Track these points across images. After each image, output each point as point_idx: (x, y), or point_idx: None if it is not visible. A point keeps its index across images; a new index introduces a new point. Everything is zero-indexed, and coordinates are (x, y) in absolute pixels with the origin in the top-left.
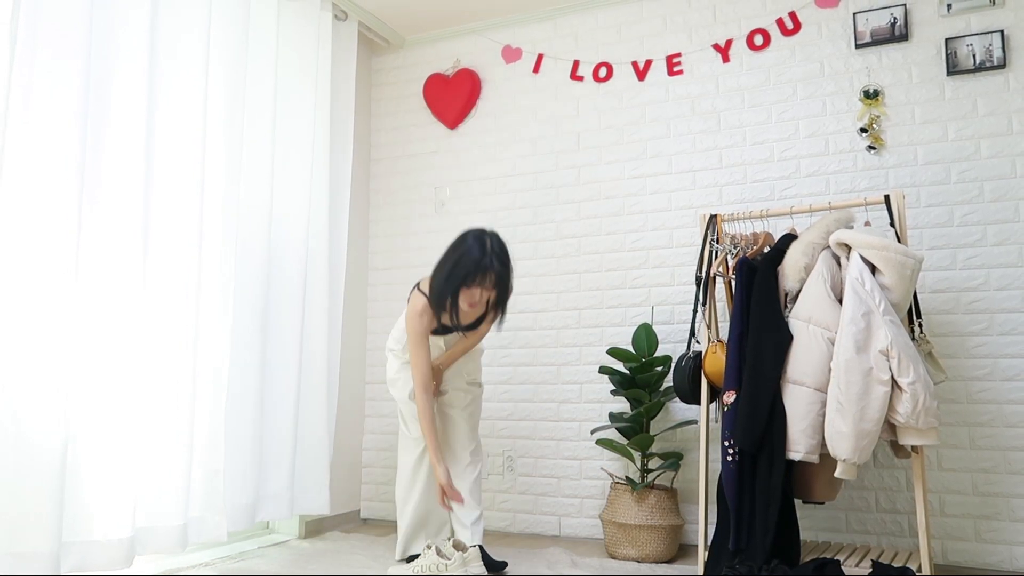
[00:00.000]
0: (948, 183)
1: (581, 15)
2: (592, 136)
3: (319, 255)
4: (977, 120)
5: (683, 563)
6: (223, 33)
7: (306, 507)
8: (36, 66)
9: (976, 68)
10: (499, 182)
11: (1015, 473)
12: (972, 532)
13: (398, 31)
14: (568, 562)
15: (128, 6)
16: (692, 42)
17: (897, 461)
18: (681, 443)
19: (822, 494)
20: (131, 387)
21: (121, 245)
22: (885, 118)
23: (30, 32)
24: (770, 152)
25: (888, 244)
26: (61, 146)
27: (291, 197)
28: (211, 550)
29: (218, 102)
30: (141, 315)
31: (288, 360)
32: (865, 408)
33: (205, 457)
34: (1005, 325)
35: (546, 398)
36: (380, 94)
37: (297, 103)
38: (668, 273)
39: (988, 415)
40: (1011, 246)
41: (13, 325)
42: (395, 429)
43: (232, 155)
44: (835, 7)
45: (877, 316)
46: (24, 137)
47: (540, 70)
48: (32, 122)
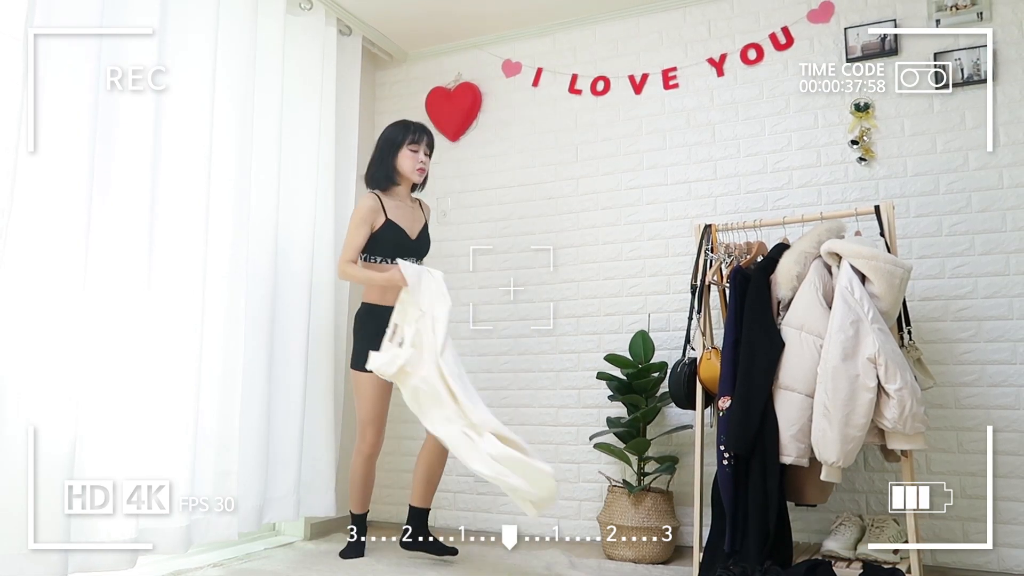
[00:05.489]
0: (937, 194)
1: (579, 30)
2: (590, 148)
3: (324, 264)
4: (965, 133)
5: (679, 564)
6: (230, 48)
7: (312, 509)
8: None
9: (964, 82)
10: (499, 193)
11: (1002, 476)
12: (960, 534)
13: (401, 46)
14: (566, 563)
15: (137, 13)
16: (687, 56)
17: (887, 465)
18: (677, 447)
19: (813, 497)
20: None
21: (129, 255)
22: (875, 130)
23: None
24: (763, 164)
25: (877, 254)
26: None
27: (297, 206)
28: (218, 551)
29: (225, 115)
30: (149, 322)
31: (295, 364)
32: (851, 414)
33: (215, 459)
34: (992, 332)
35: (545, 403)
36: (383, 107)
37: (303, 116)
38: (664, 282)
39: (976, 420)
40: (998, 255)
41: (27, 336)
42: (397, 433)
43: (240, 167)
44: (827, 22)
45: (866, 324)
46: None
47: (539, 84)
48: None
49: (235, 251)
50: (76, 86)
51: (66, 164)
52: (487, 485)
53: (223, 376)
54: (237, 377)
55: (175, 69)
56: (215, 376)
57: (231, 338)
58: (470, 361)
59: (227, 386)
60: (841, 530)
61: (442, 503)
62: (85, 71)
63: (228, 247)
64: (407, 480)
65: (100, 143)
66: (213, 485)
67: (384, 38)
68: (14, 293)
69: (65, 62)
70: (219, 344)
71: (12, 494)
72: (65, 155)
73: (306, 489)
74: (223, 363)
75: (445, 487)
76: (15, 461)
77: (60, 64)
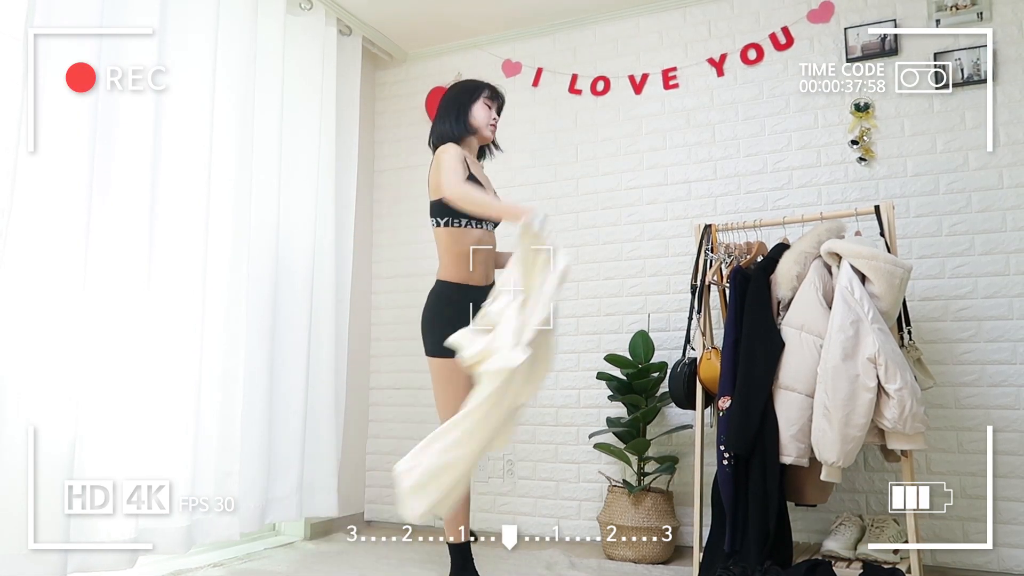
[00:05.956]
0: (937, 194)
1: (579, 30)
2: (590, 148)
3: (325, 264)
4: (965, 132)
5: (678, 564)
6: (230, 48)
7: (314, 509)
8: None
9: (964, 82)
10: (499, 192)
11: (1001, 476)
12: (960, 534)
13: (401, 46)
14: (567, 563)
15: (137, 13)
16: (688, 56)
17: (887, 465)
18: (677, 447)
19: (813, 497)
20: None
21: (129, 254)
22: (875, 130)
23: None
24: (763, 164)
25: (877, 254)
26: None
27: (297, 207)
28: (220, 551)
29: (225, 115)
30: (150, 321)
31: (296, 366)
32: (850, 414)
33: (217, 459)
34: (992, 332)
35: (545, 403)
36: (383, 107)
37: (303, 116)
38: (664, 282)
39: (975, 420)
40: (998, 255)
41: (27, 336)
42: (397, 434)
43: (241, 167)
44: (827, 22)
45: (866, 324)
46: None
47: (539, 84)
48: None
49: (235, 250)
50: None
51: (66, 164)
52: (487, 485)
53: (224, 375)
54: (238, 376)
55: (175, 69)
56: (216, 375)
57: (232, 337)
58: None
59: (228, 385)
60: (841, 530)
61: None
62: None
63: (228, 246)
64: None
65: (100, 143)
66: (214, 485)
67: (384, 38)
68: (14, 293)
69: (65, 62)
70: (220, 343)
71: (12, 494)
72: (65, 155)
73: (308, 489)
74: (224, 362)
75: None
76: (15, 461)
77: (60, 64)
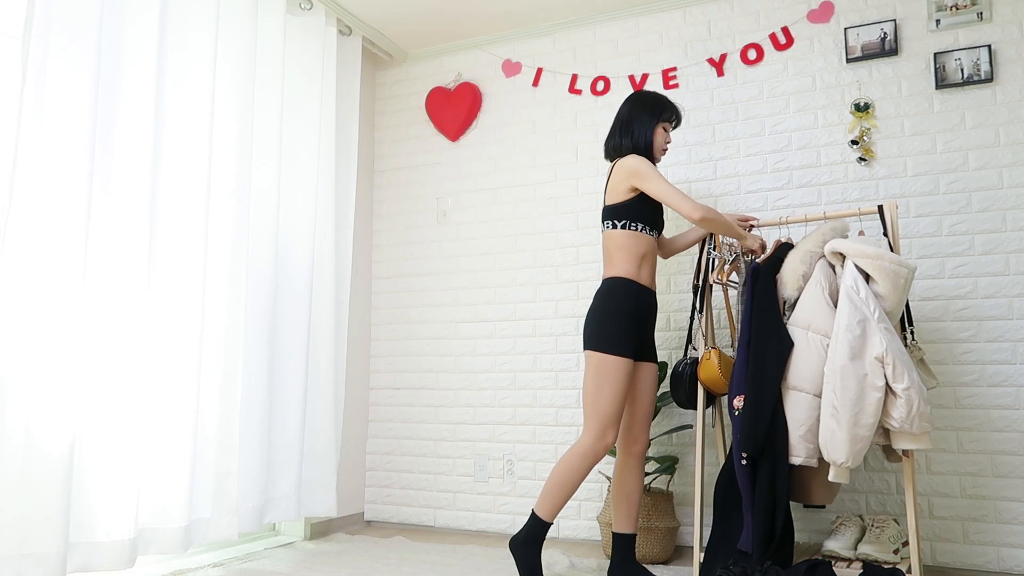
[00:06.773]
0: (937, 194)
1: (579, 30)
2: (590, 148)
3: (325, 264)
4: (965, 132)
5: (678, 564)
6: (230, 48)
7: (313, 509)
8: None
9: (964, 82)
10: (499, 193)
11: (1002, 476)
12: (960, 534)
13: (401, 46)
14: (567, 563)
15: (136, 13)
16: (687, 56)
17: (888, 465)
18: (677, 447)
19: (820, 497)
20: (138, 392)
21: (128, 254)
22: (875, 130)
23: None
24: (763, 164)
25: (883, 254)
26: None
27: (297, 208)
28: (219, 551)
29: (225, 114)
30: (149, 324)
31: (295, 366)
32: (859, 413)
33: (216, 459)
34: (992, 332)
35: (546, 403)
36: (383, 107)
37: (303, 116)
38: (665, 281)
39: (976, 420)
40: (998, 255)
41: (25, 336)
42: (397, 434)
43: (240, 167)
44: (827, 22)
45: (872, 324)
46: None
47: (539, 84)
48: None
49: (235, 250)
50: (76, 86)
51: (66, 163)
52: (487, 485)
53: (223, 376)
54: (237, 377)
55: (175, 69)
56: (215, 375)
57: (231, 337)
58: (471, 361)
59: (227, 386)
60: (841, 530)
61: (442, 503)
62: (85, 71)
63: (228, 246)
64: (407, 480)
65: (100, 143)
66: (214, 485)
67: (384, 38)
68: (13, 293)
69: (65, 62)
70: (219, 343)
71: (11, 494)
72: (65, 154)
73: (307, 489)
74: (223, 362)
75: (446, 487)
76: (14, 461)
77: (60, 64)
